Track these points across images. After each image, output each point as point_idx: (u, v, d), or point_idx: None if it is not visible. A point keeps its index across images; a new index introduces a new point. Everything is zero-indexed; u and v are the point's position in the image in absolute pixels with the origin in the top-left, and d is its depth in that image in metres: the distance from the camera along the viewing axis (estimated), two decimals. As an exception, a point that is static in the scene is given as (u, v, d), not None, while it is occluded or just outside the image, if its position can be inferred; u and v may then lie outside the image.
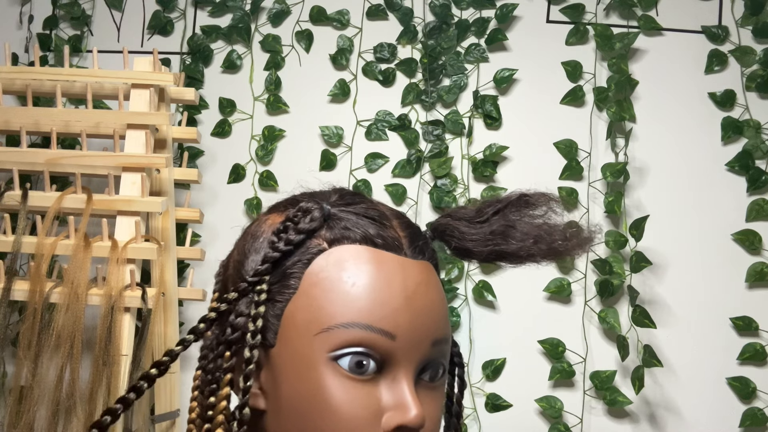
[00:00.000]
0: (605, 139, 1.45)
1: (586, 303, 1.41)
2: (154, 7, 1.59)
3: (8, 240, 1.16)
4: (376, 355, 0.53)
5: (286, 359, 0.54)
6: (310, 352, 0.53)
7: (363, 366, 0.52)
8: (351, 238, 0.56)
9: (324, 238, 0.56)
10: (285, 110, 1.54)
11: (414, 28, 1.51)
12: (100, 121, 1.24)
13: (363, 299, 0.53)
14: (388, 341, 0.53)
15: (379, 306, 0.53)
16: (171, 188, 1.32)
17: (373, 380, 0.53)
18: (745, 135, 1.41)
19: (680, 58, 1.46)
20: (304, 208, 0.57)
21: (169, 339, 1.32)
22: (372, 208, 0.59)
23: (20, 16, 1.63)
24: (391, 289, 0.54)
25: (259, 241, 0.58)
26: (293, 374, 0.53)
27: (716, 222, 1.41)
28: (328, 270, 0.54)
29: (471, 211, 0.61)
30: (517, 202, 0.62)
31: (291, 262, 0.55)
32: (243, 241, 0.60)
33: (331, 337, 0.52)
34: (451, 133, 1.48)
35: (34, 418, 1.09)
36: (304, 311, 0.54)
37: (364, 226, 0.57)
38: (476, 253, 0.61)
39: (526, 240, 0.60)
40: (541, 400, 1.39)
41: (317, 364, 0.52)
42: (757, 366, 1.37)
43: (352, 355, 0.52)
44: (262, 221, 0.61)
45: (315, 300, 0.54)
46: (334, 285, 0.54)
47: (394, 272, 0.55)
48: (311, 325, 0.53)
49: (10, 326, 1.17)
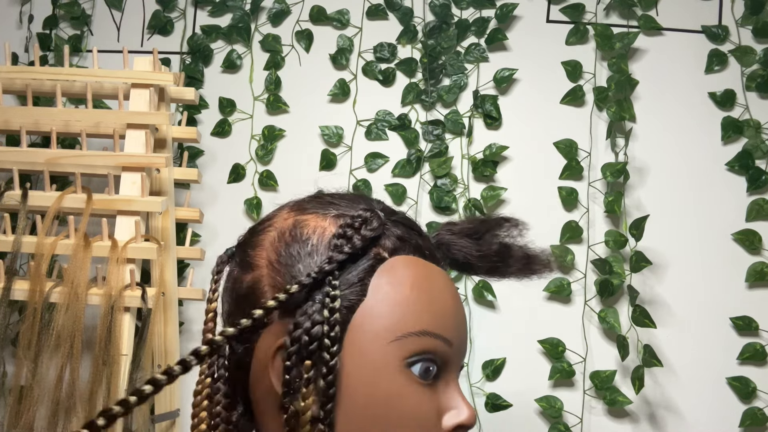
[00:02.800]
0: (605, 139, 1.45)
1: (586, 303, 1.41)
2: (154, 7, 1.59)
3: (8, 240, 1.16)
4: (439, 362, 0.57)
5: (355, 365, 0.55)
6: (383, 359, 0.55)
7: (429, 372, 0.56)
8: (406, 248, 0.59)
9: (384, 247, 0.58)
10: (285, 110, 1.54)
11: (414, 27, 1.51)
12: (100, 121, 1.24)
13: (429, 309, 0.57)
14: (447, 348, 0.57)
15: (441, 315, 0.57)
16: (171, 188, 1.32)
17: (433, 384, 0.57)
18: (745, 135, 1.41)
19: (680, 58, 1.46)
20: (364, 216, 0.58)
21: (169, 339, 1.32)
22: (409, 218, 0.63)
23: (20, 15, 1.63)
24: (445, 298, 0.59)
25: (310, 245, 0.58)
26: (365, 380, 0.54)
27: (716, 222, 1.41)
28: (395, 279, 0.57)
29: (467, 227, 0.66)
30: (505, 225, 0.68)
31: (354, 269, 0.56)
32: (280, 244, 0.59)
33: (405, 344, 0.55)
34: (451, 132, 1.48)
35: (34, 418, 1.09)
36: (376, 319, 0.55)
37: (414, 237, 0.61)
38: (476, 269, 0.66)
39: (520, 262, 0.67)
40: (541, 400, 1.39)
41: (392, 370, 0.55)
42: (757, 366, 1.37)
43: (423, 362, 0.56)
44: (303, 224, 0.60)
45: (386, 308, 0.56)
46: (402, 294, 0.56)
47: (442, 282, 0.60)
48: (385, 333, 0.55)
49: (10, 326, 1.17)
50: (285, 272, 0.57)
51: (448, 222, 0.69)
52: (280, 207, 0.64)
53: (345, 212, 0.60)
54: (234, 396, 0.60)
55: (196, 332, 1.50)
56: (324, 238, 0.58)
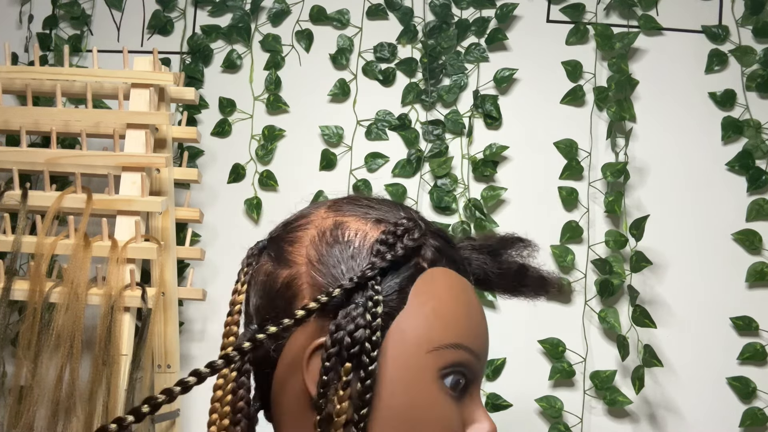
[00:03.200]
0: (605, 139, 1.45)
1: (586, 303, 1.41)
2: (154, 7, 1.59)
3: (8, 240, 1.16)
4: (469, 375, 0.58)
5: (392, 372, 0.55)
6: (420, 368, 0.55)
7: (459, 384, 0.57)
8: (444, 260, 0.60)
9: (424, 257, 0.59)
10: (285, 110, 1.54)
11: (414, 27, 1.51)
12: (100, 121, 1.24)
13: (464, 322, 0.58)
14: (476, 362, 0.58)
15: (474, 329, 0.59)
16: (171, 188, 1.32)
17: (459, 397, 0.57)
18: (745, 135, 1.41)
19: (680, 58, 1.46)
20: (407, 225, 0.59)
21: (169, 339, 1.32)
22: (445, 230, 0.64)
23: (20, 15, 1.63)
24: (476, 312, 0.60)
25: (352, 248, 0.58)
26: (400, 387, 0.55)
27: (716, 222, 1.41)
28: (434, 290, 0.58)
29: (488, 244, 0.67)
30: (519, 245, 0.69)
31: (395, 276, 0.57)
32: (321, 243, 0.59)
33: (442, 356, 0.56)
34: (451, 132, 1.48)
35: (33, 418, 1.09)
36: (416, 328, 0.56)
37: (450, 250, 0.62)
38: (494, 285, 0.68)
39: (536, 283, 0.68)
40: (541, 400, 1.39)
41: (427, 380, 0.55)
42: (757, 366, 1.37)
43: (455, 374, 0.57)
44: (344, 226, 0.60)
45: (426, 318, 0.56)
46: (442, 306, 0.57)
47: (473, 296, 0.61)
48: (423, 342, 0.56)
49: (9, 326, 1.17)
50: (326, 272, 0.57)
51: (468, 237, 0.70)
52: (315, 205, 0.64)
53: (385, 218, 0.60)
54: (255, 392, 0.60)
55: (196, 332, 1.50)
56: (366, 242, 0.58)
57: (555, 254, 1.41)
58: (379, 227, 0.59)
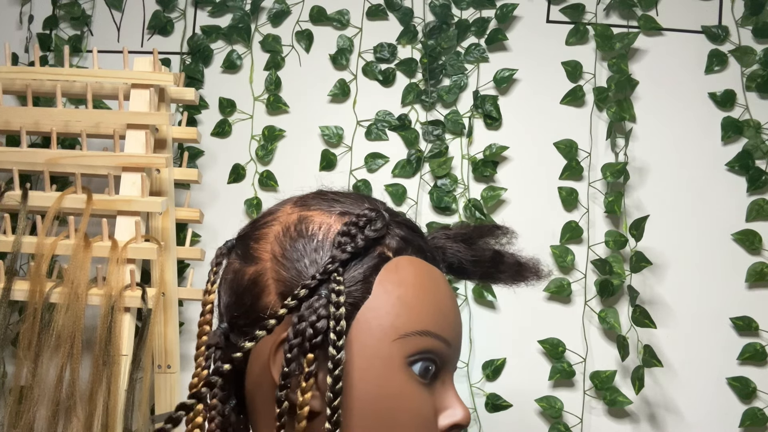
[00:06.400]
0: (605, 139, 1.45)
1: (586, 303, 1.41)
2: (154, 7, 1.59)
3: (8, 240, 1.16)
4: (438, 362, 0.58)
5: (360, 361, 0.55)
6: (388, 356, 0.55)
7: (429, 371, 0.57)
8: (409, 249, 0.60)
9: (388, 247, 0.59)
10: (285, 110, 1.54)
11: (414, 28, 1.51)
12: (100, 121, 1.24)
13: (431, 309, 0.58)
14: (446, 348, 0.58)
15: (443, 316, 0.59)
16: (171, 188, 1.32)
17: (430, 384, 0.58)
18: (745, 135, 1.42)
19: (680, 58, 1.46)
20: (369, 216, 0.59)
21: (169, 339, 1.32)
22: (410, 220, 0.64)
23: (20, 16, 1.63)
24: (445, 299, 0.60)
25: (316, 241, 0.58)
26: (367, 376, 0.55)
27: (716, 222, 1.41)
28: (399, 278, 0.58)
29: (462, 232, 0.67)
30: (497, 233, 0.69)
31: (359, 266, 0.57)
32: (285, 238, 0.59)
33: (408, 343, 0.56)
34: (451, 133, 1.49)
35: (34, 418, 1.09)
36: (381, 316, 0.56)
37: (416, 238, 0.61)
38: (470, 273, 0.68)
39: (512, 269, 0.68)
40: (541, 400, 1.39)
41: (394, 368, 0.55)
42: (757, 366, 1.37)
43: (423, 361, 0.57)
44: (309, 220, 0.60)
45: (392, 307, 0.56)
46: (407, 294, 0.57)
47: (442, 283, 0.61)
48: (389, 331, 0.56)
49: (10, 326, 1.17)
50: (290, 266, 0.57)
51: (443, 226, 0.70)
52: (283, 202, 0.64)
53: (350, 210, 0.61)
54: (229, 389, 0.60)
55: (196, 332, 1.50)
56: (329, 235, 0.58)
57: (555, 254, 1.41)
58: (342, 220, 0.60)
